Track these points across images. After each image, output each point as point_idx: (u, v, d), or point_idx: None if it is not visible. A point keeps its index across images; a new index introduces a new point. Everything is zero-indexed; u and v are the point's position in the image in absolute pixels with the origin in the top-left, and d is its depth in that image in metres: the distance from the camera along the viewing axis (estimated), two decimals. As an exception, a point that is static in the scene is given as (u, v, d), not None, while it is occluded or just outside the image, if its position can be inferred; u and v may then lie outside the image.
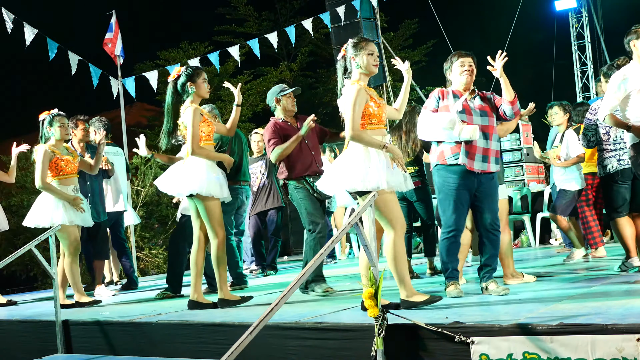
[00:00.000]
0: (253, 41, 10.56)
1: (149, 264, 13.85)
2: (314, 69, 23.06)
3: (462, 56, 4.59)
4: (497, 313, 3.67)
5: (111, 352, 4.63)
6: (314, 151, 5.56)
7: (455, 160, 4.46)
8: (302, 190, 5.44)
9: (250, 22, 22.59)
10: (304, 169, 5.45)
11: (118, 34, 10.28)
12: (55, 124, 5.85)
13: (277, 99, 5.63)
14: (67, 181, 5.84)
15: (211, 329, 4.25)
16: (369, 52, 4.24)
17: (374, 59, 4.25)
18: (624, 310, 3.40)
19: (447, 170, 4.48)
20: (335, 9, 11.80)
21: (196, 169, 4.92)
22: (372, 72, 4.28)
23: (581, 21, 17.36)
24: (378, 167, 4.05)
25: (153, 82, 10.58)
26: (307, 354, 3.79)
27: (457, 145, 4.48)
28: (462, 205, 4.48)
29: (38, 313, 5.61)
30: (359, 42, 4.27)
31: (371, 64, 4.24)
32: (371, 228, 3.62)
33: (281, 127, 5.55)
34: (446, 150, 4.51)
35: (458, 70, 4.57)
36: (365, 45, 4.25)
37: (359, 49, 4.24)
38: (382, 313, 3.37)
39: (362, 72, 4.25)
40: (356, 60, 4.24)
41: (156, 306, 5.44)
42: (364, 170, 4.06)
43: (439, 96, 4.59)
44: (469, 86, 4.60)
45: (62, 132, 5.88)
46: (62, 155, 5.84)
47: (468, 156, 4.44)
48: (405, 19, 22.15)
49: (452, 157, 4.48)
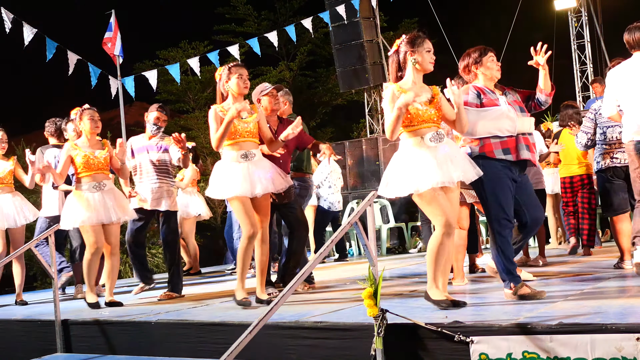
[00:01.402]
0: (253, 40, 10.56)
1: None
2: (313, 68, 23.08)
3: (491, 50, 4.46)
4: (497, 312, 3.67)
5: (111, 352, 4.63)
6: (283, 159, 5.37)
7: (504, 155, 4.28)
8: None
9: (250, 22, 22.61)
10: None
11: (117, 33, 10.28)
12: (85, 117, 5.67)
13: (259, 99, 5.54)
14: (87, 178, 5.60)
15: (210, 328, 4.24)
16: (427, 49, 4.08)
17: (430, 56, 4.10)
18: (624, 310, 3.40)
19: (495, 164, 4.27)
20: (335, 8, 11.80)
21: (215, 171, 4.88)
22: (429, 70, 4.10)
23: (581, 21, 17.36)
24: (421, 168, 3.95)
25: (153, 81, 10.58)
26: (306, 354, 3.79)
27: (508, 139, 4.31)
28: (511, 196, 4.33)
29: (38, 312, 5.61)
30: (417, 39, 4.08)
31: (428, 61, 4.08)
32: (370, 227, 3.62)
33: None
34: (495, 144, 4.29)
35: (492, 65, 4.40)
36: (422, 42, 4.08)
37: (417, 46, 4.06)
38: (381, 312, 3.37)
39: (417, 69, 4.08)
40: (414, 56, 4.07)
41: (156, 306, 5.44)
42: (408, 172, 3.96)
43: (477, 91, 4.38)
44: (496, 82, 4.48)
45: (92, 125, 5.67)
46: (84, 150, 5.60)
47: (520, 148, 4.31)
48: (405, 18, 22.17)
49: (500, 152, 4.30)
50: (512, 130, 4.29)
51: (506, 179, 4.21)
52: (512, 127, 4.28)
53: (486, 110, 4.28)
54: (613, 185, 5.65)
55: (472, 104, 4.30)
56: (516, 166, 4.32)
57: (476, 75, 4.45)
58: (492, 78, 4.41)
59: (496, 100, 4.33)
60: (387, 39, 18.15)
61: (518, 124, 4.29)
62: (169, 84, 19.26)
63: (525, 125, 4.34)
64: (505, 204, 4.22)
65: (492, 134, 4.26)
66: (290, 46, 22.15)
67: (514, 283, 4.14)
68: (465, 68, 4.49)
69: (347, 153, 12.73)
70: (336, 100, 22.32)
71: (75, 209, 5.52)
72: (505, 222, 4.21)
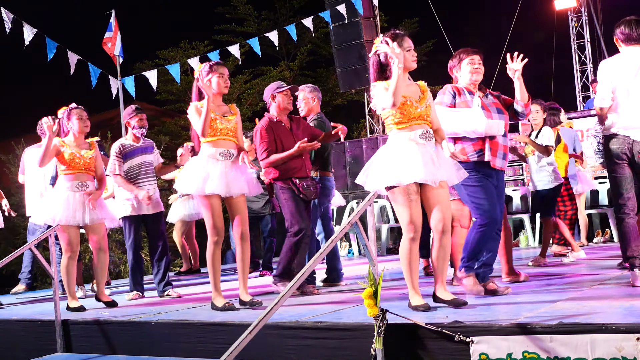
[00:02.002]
0: (253, 40, 10.55)
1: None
2: (313, 68, 23.08)
3: (472, 53, 4.50)
4: (497, 312, 3.67)
5: (110, 352, 4.63)
6: (304, 155, 5.42)
7: (478, 157, 4.40)
8: (288, 191, 5.33)
9: (250, 22, 22.62)
10: (293, 171, 5.34)
11: (117, 33, 10.28)
12: (73, 116, 5.61)
13: (273, 95, 5.49)
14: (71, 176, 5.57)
15: (211, 328, 4.24)
16: (407, 48, 4.03)
17: (412, 54, 4.05)
18: (624, 310, 3.40)
19: (469, 166, 4.38)
20: (335, 7, 11.79)
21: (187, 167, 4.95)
22: (411, 67, 4.07)
23: (581, 20, 17.35)
24: (408, 161, 3.93)
25: (153, 81, 10.58)
26: (306, 354, 3.79)
27: (479, 141, 4.42)
28: (493, 196, 4.41)
29: (38, 312, 5.61)
30: (396, 38, 4.00)
31: (410, 60, 4.03)
32: (370, 227, 3.62)
33: (273, 127, 5.40)
34: (467, 147, 4.42)
35: (468, 68, 4.48)
36: (402, 41, 4.01)
37: (398, 44, 3.98)
38: (381, 312, 3.37)
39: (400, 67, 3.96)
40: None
41: (156, 306, 5.44)
42: (393, 164, 3.94)
43: (454, 92, 4.47)
44: (478, 83, 4.55)
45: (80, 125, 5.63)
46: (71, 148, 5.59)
47: (491, 153, 4.40)
48: (405, 18, 22.18)
49: (474, 154, 4.41)
50: (479, 134, 4.38)
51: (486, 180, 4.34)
52: (478, 133, 4.38)
53: (456, 111, 4.41)
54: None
55: (444, 104, 4.44)
56: (492, 171, 4.44)
57: (456, 79, 4.59)
58: (470, 80, 4.50)
59: (470, 102, 4.41)
60: (387, 39, 18.10)
61: (486, 127, 4.34)
62: (168, 84, 19.26)
63: (494, 128, 4.39)
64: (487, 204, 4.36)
65: (459, 135, 4.42)
66: (290, 46, 22.16)
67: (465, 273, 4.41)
68: (451, 69, 4.62)
69: (347, 153, 12.71)
70: (336, 100, 22.32)
71: (53, 205, 5.50)
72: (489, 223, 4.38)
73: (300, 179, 5.33)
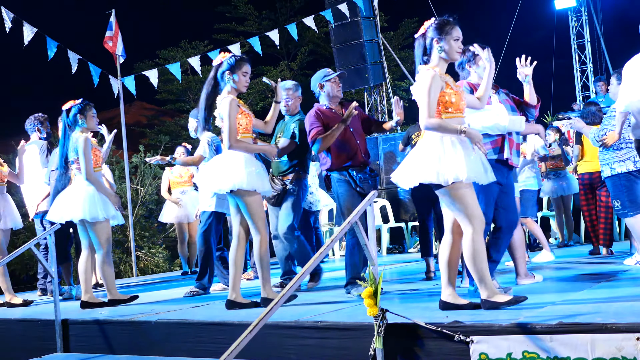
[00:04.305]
0: (254, 39, 10.55)
1: (148, 263, 13.86)
2: (313, 68, 23.06)
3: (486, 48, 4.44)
4: (497, 312, 3.67)
5: (110, 352, 4.63)
6: (359, 140, 5.16)
7: (494, 155, 4.31)
8: (344, 184, 5.08)
9: (250, 21, 22.64)
10: (348, 159, 5.08)
11: (118, 32, 10.27)
12: (88, 112, 5.61)
13: (321, 84, 5.27)
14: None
15: (210, 328, 4.24)
16: (455, 37, 3.86)
17: (458, 45, 3.87)
18: (624, 310, 3.40)
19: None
20: (336, 6, 11.80)
21: (235, 162, 4.64)
22: (455, 59, 3.92)
23: (581, 20, 17.36)
24: (454, 158, 3.70)
25: (153, 80, 10.57)
26: (306, 353, 3.79)
27: (498, 139, 4.35)
28: (494, 199, 4.33)
29: (37, 312, 5.61)
30: (445, 25, 3.85)
31: (455, 50, 3.86)
32: (370, 227, 3.61)
33: (324, 114, 5.17)
34: (486, 145, 4.27)
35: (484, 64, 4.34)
36: (451, 29, 3.85)
37: (445, 33, 3.84)
38: (381, 312, 3.36)
39: (443, 57, 3.86)
40: (440, 44, 3.84)
41: (156, 305, 5.44)
42: (438, 161, 3.72)
43: (470, 88, 4.36)
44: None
45: (93, 122, 5.66)
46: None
47: (507, 148, 4.35)
48: (405, 18, 22.20)
49: (492, 152, 4.29)
50: (502, 130, 4.32)
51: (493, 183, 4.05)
52: (502, 127, 4.30)
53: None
54: (635, 185, 5.62)
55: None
56: (505, 166, 4.35)
57: (470, 73, 4.51)
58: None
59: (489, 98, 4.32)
60: (387, 38, 18.16)
61: (509, 123, 4.30)
62: (169, 84, 19.28)
63: (517, 124, 4.36)
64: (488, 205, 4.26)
65: (484, 133, 4.25)
66: (290, 46, 22.18)
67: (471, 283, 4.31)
68: (460, 65, 4.53)
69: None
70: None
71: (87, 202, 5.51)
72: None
73: (358, 169, 5.11)
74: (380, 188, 11.70)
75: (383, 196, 11.51)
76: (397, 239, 11.16)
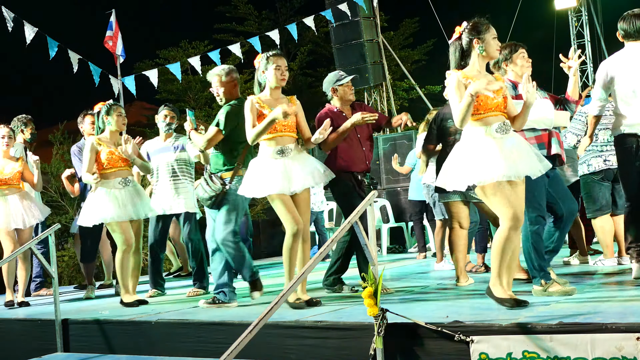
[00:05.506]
0: (254, 39, 10.56)
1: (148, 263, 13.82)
2: (313, 67, 23.07)
3: (522, 46, 4.48)
4: (497, 312, 3.67)
5: (110, 352, 4.63)
6: (365, 146, 5.25)
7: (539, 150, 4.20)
8: (346, 185, 5.14)
9: (251, 21, 22.63)
10: (352, 163, 5.16)
11: (118, 32, 10.28)
12: (113, 112, 5.66)
13: (334, 88, 5.30)
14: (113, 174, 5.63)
15: (210, 328, 4.24)
16: (493, 35, 3.95)
17: (497, 42, 3.97)
18: (624, 309, 3.40)
19: None
20: (337, 6, 11.80)
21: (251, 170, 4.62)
22: (495, 57, 4.04)
23: (581, 20, 17.37)
24: (486, 159, 3.75)
25: (153, 80, 10.57)
26: (306, 353, 3.79)
27: (543, 134, 4.34)
28: (544, 192, 4.30)
29: (37, 312, 5.61)
30: (482, 25, 3.96)
31: (495, 48, 3.96)
32: (370, 227, 3.61)
33: (334, 116, 5.16)
34: (530, 139, 4.28)
35: (522, 62, 4.45)
36: (488, 28, 3.96)
37: (484, 33, 3.94)
38: (381, 312, 3.37)
39: (484, 56, 3.94)
40: (480, 44, 3.93)
41: (156, 305, 5.44)
42: (473, 163, 3.78)
43: (512, 84, 4.36)
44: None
45: (119, 121, 5.69)
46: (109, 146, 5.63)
47: (553, 142, 4.34)
48: (406, 18, 22.19)
49: (535, 147, 4.23)
50: (548, 124, 4.32)
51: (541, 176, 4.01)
52: (549, 121, 4.30)
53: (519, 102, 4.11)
54: (602, 187, 5.70)
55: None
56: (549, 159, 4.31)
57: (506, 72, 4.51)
58: (522, 73, 4.40)
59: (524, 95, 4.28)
60: (387, 38, 18.15)
61: (555, 117, 4.30)
62: (169, 84, 19.27)
63: (561, 119, 4.37)
64: (539, 200, 4.24)
65: (529, 127, 4.25)
66: (290, 46, 22.16)
67: (544, 280, 4.19)
68: (495, 65, 4.53)
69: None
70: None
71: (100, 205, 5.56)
72: (539, 219, 4.24)
73: (360, 175, 5.17)
74: (380, 188, 11.71)
75: (383, 196, 11.51)
76: (397, 239, 11.17)
